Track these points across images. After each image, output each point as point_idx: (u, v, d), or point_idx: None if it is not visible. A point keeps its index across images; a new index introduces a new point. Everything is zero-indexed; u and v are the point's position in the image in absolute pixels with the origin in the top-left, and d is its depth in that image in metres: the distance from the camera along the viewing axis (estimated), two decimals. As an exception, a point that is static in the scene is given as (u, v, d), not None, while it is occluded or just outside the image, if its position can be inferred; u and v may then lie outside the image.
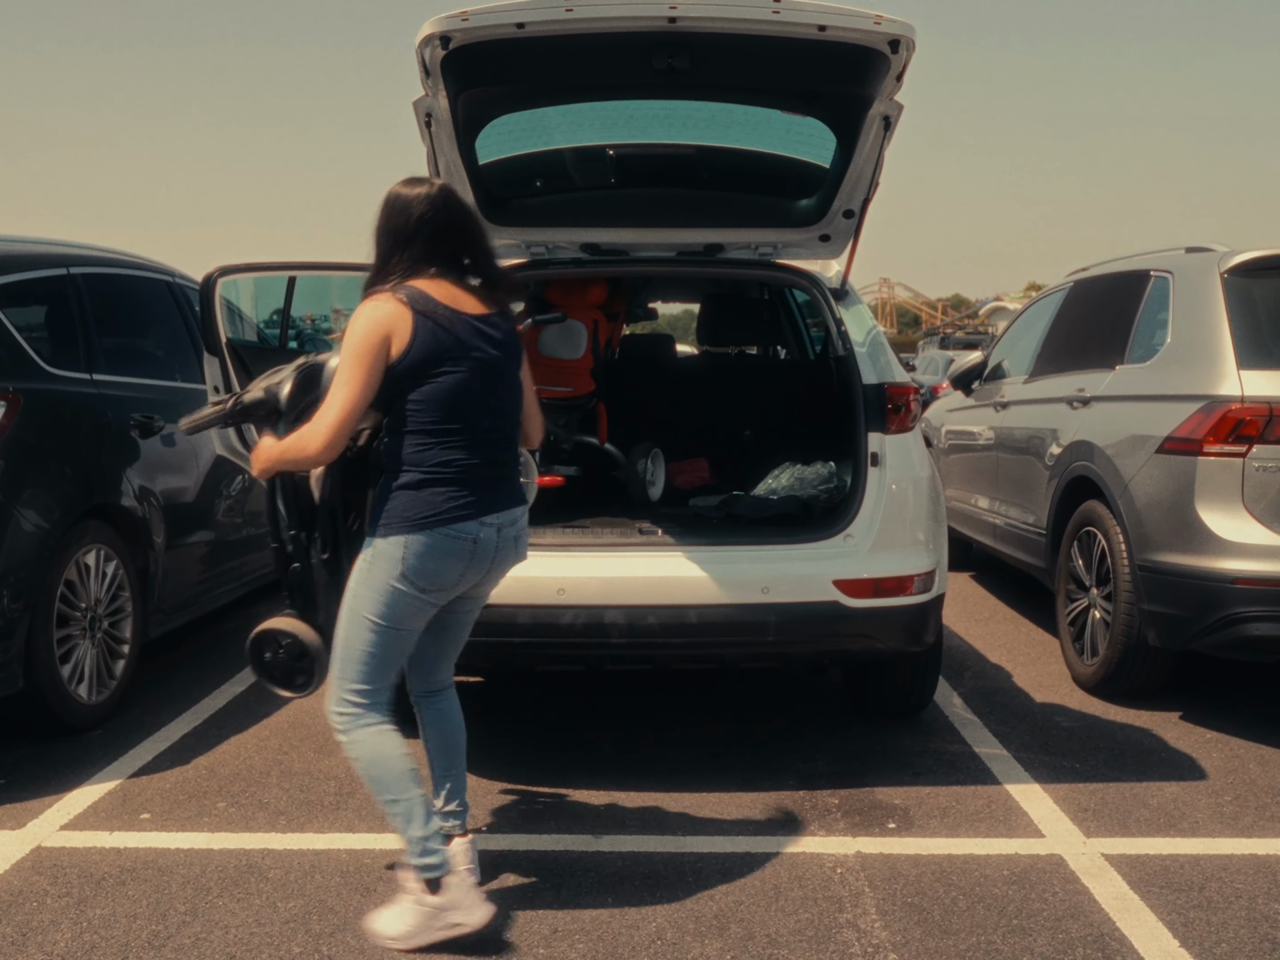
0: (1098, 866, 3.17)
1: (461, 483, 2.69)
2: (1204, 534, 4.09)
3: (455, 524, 2.67)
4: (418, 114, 3.48)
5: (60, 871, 3.14)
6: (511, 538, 2.81)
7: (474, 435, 2.71)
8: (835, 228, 4.12)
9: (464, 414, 2.70)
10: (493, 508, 2.74)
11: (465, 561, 2.71)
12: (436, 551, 2.67)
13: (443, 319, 2.66)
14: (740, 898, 2.99)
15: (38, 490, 4.02)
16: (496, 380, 2.75)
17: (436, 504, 2.66)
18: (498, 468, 2.78)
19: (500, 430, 2.80)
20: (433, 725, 3.09)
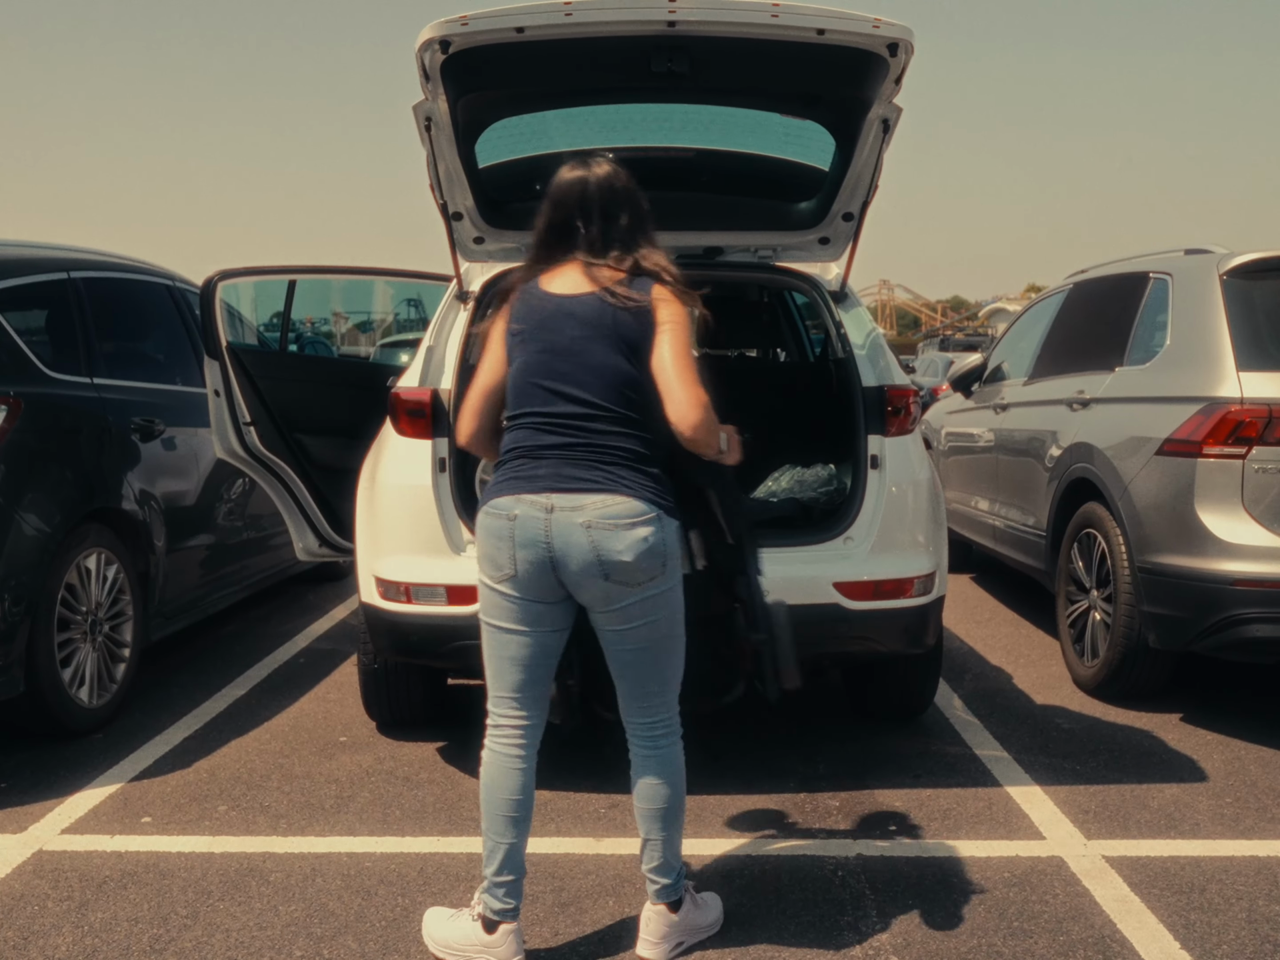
0: (1098, 868, 3.17)
1: (509, 464, 2.60)
2: (1204, 536, 4.10)
3: (493, 499, 2.57)
4: (417, 118, 3.49)
5: (61, 875, 3.15)
6: (578, 525, 2.48)
7: (534, 418, 2.58)
8: (834, 230, 4.13)
9: (526, 397, 2.60)
10: (539, 488, 2.52)
11: (509, 542, 2.52)
12: (484, 531, 2.58)
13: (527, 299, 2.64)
14: (741, 900, 2.99)
15: (38, 494, 4.03)
16: (565, 361, 2.56)
17: (489, 486, 2.62)
18: (559, 449, 2.55)
19: (571, 413, 2.56)
20: (634, 775, 2.72)
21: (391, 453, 3.79)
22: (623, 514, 2.49)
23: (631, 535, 2.48)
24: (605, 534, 2.48)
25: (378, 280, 13.48)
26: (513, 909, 2.66)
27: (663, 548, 2.53)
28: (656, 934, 2.70)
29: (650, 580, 2.52)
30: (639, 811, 2.70)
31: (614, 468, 2.52)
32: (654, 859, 2.69)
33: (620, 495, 2.50)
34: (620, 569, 2.49)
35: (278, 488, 4.59)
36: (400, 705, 4.21)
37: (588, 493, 2.50)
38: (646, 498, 2.52)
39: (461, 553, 3.66)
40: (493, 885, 2.65)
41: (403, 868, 3.18)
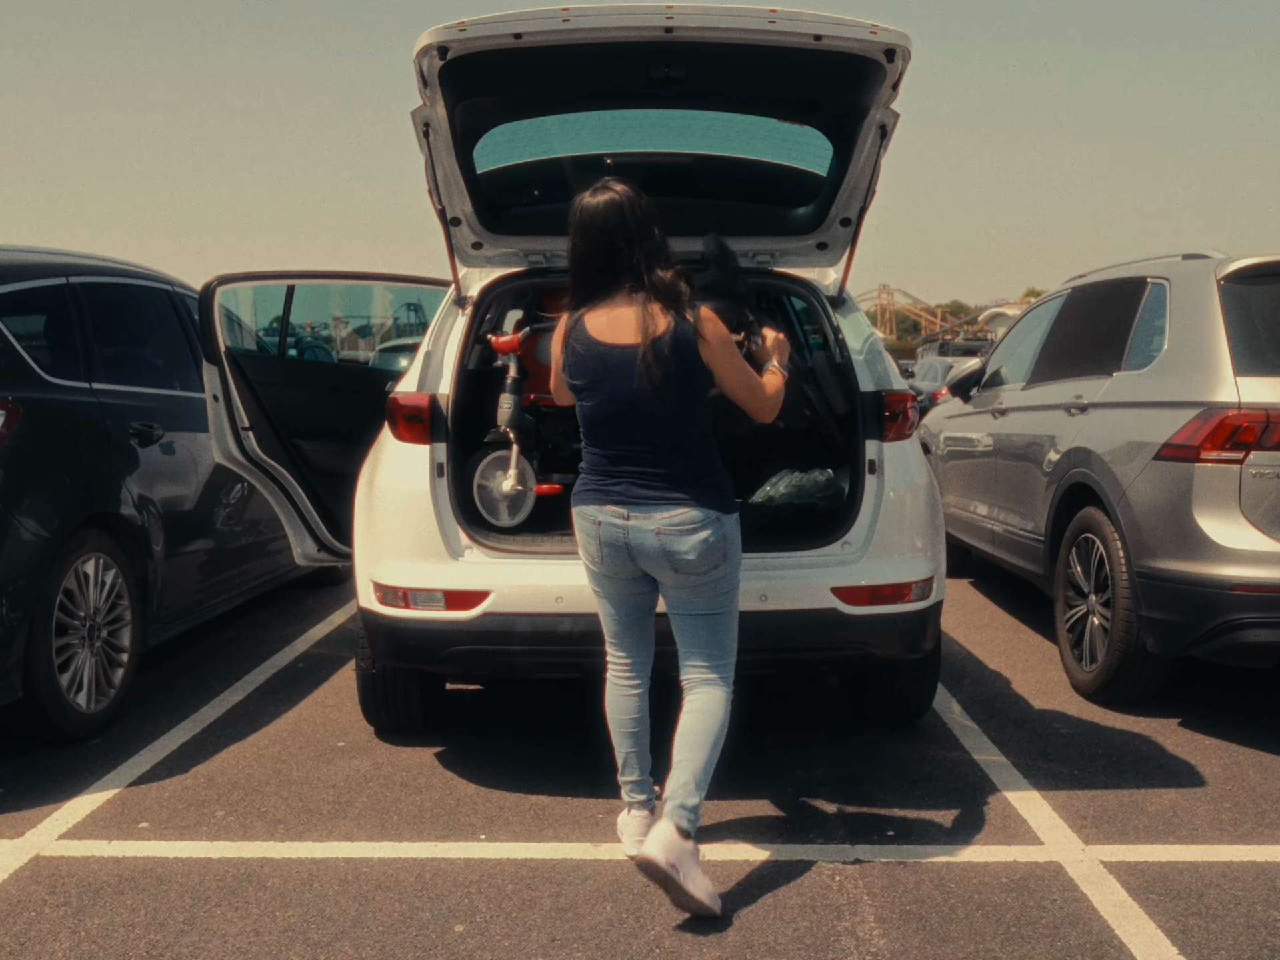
0: (1096, 874, 3.17)
1: (592, 475, 3.08)
2: (1202, 540, 4.10)
3: (582, 505, 3.08)
4: (416, 124, 3.49)
5: (58, 881, 3.14)
6: (649, 531, 2.96)
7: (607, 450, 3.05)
8: (832, 236, 4.13)
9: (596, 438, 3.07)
10: (616, 501, 3.00)
11: (596, 540, 3.04)
12: (578, 527, 3.10)
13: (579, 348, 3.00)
14: (738, 905, 2.99)
15: (37, 499, 4.03)
16: (625, 411, 2.97)
17: (577, 488, 3.11)
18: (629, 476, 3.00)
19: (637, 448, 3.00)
20: (682, 716, 3.12)
21: (389, 457, 3.79)
22: (685, 522, 2.96)
23: (694, 539, 2.96)
24: (672, 538, 2.96)
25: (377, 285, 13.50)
26: (641, 801, 3.22)
27: (722, 544, 3.00)
28: (659, 842, 2.87)
29: (714, 569, 3.01)
30: (678, 737, 3.05)
31: (677, 485, 2.98)
32: (680, 776, 2.98)
33: (683, 508, 2.97)
34: (686, 564, 2.99)
35: (276, 493, 4.59)
36: (398, 710, 4.21)
37: (657, 508, 2.98)
38: (705, 506, 2.98)
39: (459, 557, 3.66)
40: (625, 783, 3.22)
41: (400, 873, 3.18)
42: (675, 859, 2.85)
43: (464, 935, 2.85)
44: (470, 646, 3.62)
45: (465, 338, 3.93)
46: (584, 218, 2.93)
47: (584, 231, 2.93)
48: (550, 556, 3.68)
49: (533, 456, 4.12)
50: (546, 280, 4.30)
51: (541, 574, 3.61)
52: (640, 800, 3.24)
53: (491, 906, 2.99)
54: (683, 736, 3.05)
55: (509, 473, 3.93)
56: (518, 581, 3.60)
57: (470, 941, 2.82)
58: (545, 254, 4.19)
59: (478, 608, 3.56)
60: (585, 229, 2.93)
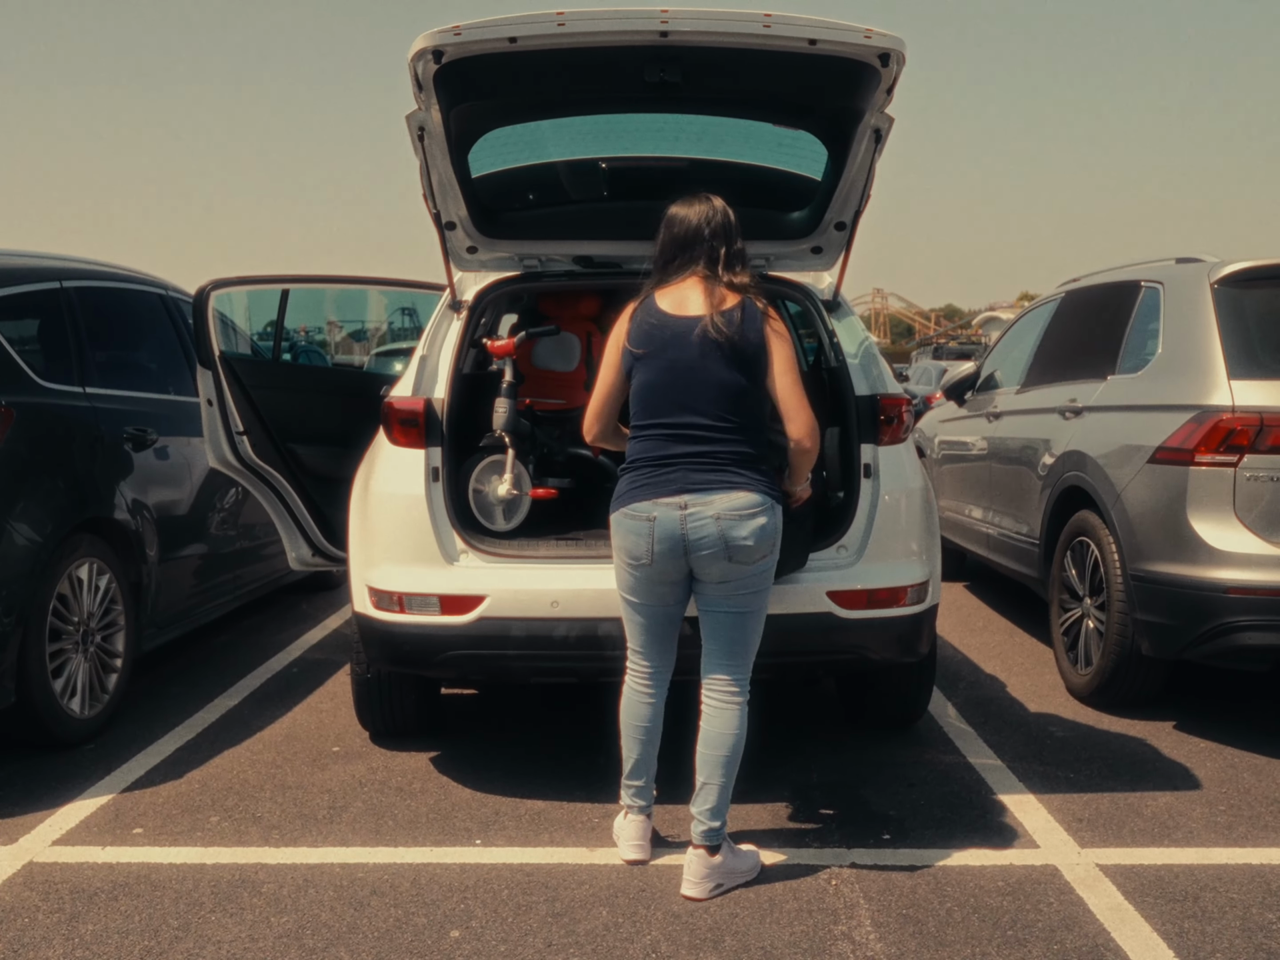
0: (1092, 877, 3.17)
1: (640, 471, 3.07)
2: (1196, 544, 4.10)
3: (631, 504, 3.06)
4: (410, 128, 3.49)
5: (52, 887, 3.13)
6: (709, 517, 2.97)
7: (661, 429, 3.05)
8: (827, 240, 4.13)
9: (652, 411, 3.06)
10: (673, 490, 3.01)
11: (649, 538, 3.02)
12: (623, 529, 3.08)
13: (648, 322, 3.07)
14: (735, 910, 2.98)
15: (30, 504, 4.01)
16: (684, 377, 3.02)
17: (622, 490, 3.10)
18: (686, 458, 3.02)
19: (695, 423, 3.03)
20: (700, 726, 3.16)
21: (385, 462, 3.78)
22: (744, 506, 3.00)
23: (753, 523, 3.00)
24: (731, 523, 2.99)
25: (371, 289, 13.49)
26: (641, 805, 3.25)
27: (774, 532, 3.07)
28: (697, 874, 3.06)
29: (762, 559, 3.05)
30: (702, 758, 3.12)
31: (733, 469, 3.02)
32: (708, 801, 3.08)
33: (741, 491, 3.01)
34: (742, 551, 3.01)
35: (271, 497, 4.58)
36: (393, 715, 4.20)
37: (714, 491, 3.00)
38: (761, 491, 3.03)
39: (454, 562, 3.65)
40: (627, 787, 3.26)
41: (396, 879, 3.17)
42: (715, 883, 3.07)
43: (460, 941, 2.84)
44: (465, 651, 3.61)
45: (460, 342, 3.93)
46: (673, 215, 3.16)
47: (670, 225, 3.15)
48: (546, 561, 3.68)
49: (528, 461, 4.12)
50: (542, 284, 4.30)
51: (537, 578, 3.61)
52: (640, 805, 3.26)
53: (487, 912, 2.98)
54: (707, 760, 3.10)
55: (504, 477, 3.93)
56: (513, 586, 3.60)
57: (466, 947, 2.81)
58: (540, 258, 4.19)
59: (473, 612, 3.56)
60: (672, 222, 3.15)
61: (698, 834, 3.08)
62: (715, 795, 3.08)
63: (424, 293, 5.68)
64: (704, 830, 3.07)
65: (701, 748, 3.12)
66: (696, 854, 3.07)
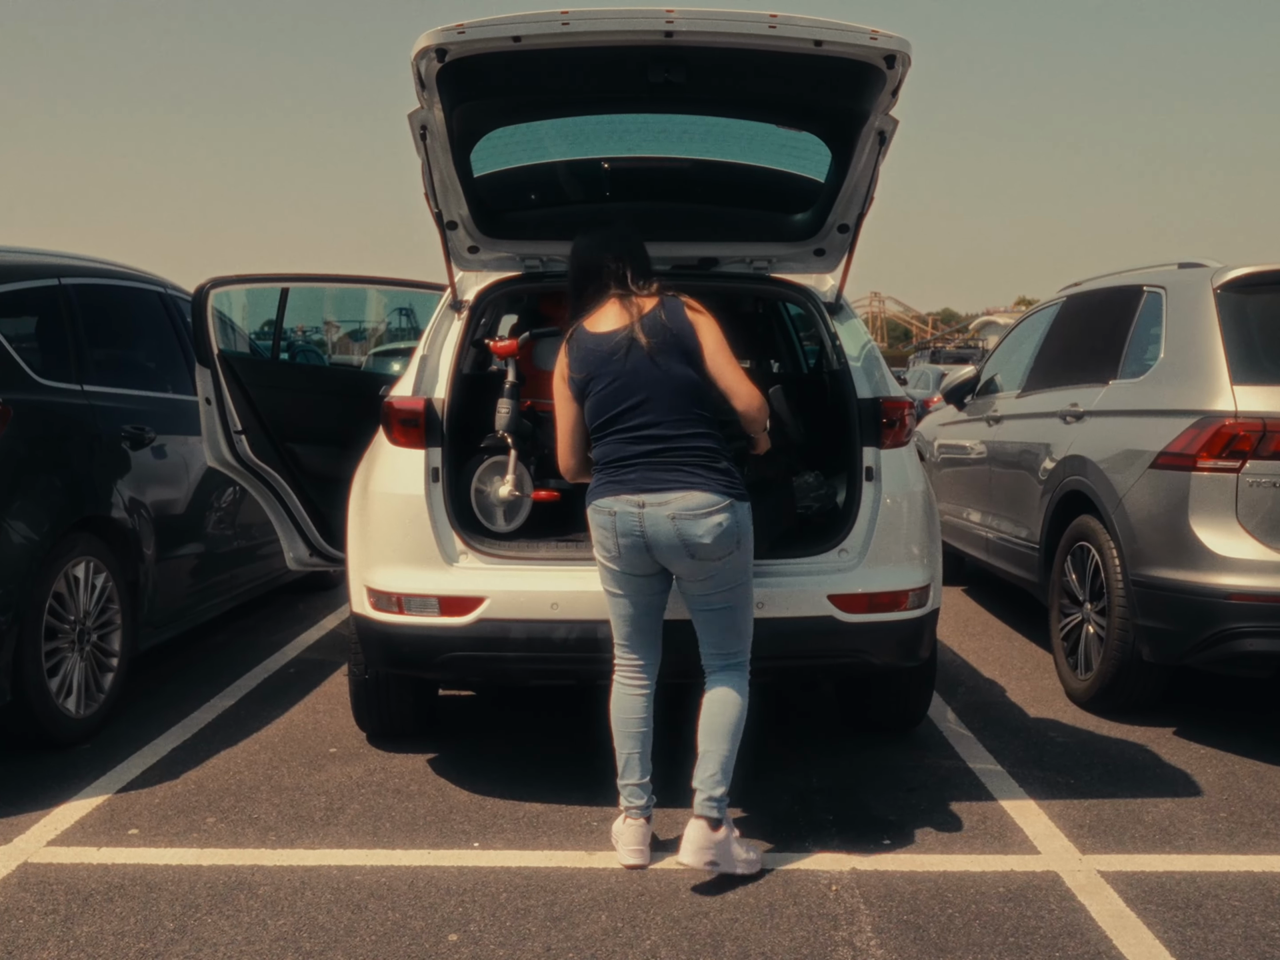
0: (1094, 883, 3.15)
1: (604, 470, 3.20)
2: (1198, 549, 4.09)
3: (596, 500, 3.18)
4: (413, 127, 3.47)
5: (47, 888, 3.11)
6: (664, 516, 3.07)
7: (618, 434, 3.17)
8: (830, 242, 4.12)
9: (608, 420, 3.19)
10: (632, 489, 3.12)
11: (612, 532, 3.13)
12: (593, 523, 3.20)
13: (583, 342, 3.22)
14: (735, 915, 2.97)
15: (27, 502, 3.99)
16: (630, 382, 3.15)
17: (592, 487, 3.22)
18: (644, 457, 3.14)
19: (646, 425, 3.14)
20: (703, 700, 3.26)
21: (384, 462, 3.76)
22: (700, 505, 3.07)
23: (709, 522, 3.07)
24: (687, 522, 3.07)
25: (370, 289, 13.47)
26: (639, 806, 3.24)
27: (735, 529, 3.11)
28: (696, 844, 3.11)
29: (728, 555, 3.12)
30: (702, 727, 3.19)
31: (690, 468, 3.11)
32: (709, 768, 3.15)
33: (697, 490, 3.08)
34: (701, 549, 3.08)
35: (269, 497, 4.56)
36: (391, 716, 4.18)
37: (671, 490, 3.09)
38: (719, 490, 3.10)
39: (454, 563, 3.63)
40: (623, 786, 3.26)
41: (393, 881, 3.15)
42: (711, 857, 3.10)
43: (457, 944, 2.82)
44: (464, 653, 3.59)
45: (461, 342, 3.91)
46: (576, 246, 3.34)
47: (575, 256, 3.34)
48: (546, 562, 3.66)
49: (529, 462, 4.11)
50: (543, 285, 4.28)
51: (537, 580, 3.59)
52: (639, 805, 3.25)
53: (485, 915, 2.96)
54: (708, 728, 3.19)
55: (507, 478, 3.91)
56: (513, 587, 3.58)
57: (464, 951, 2.79)
58: (542, 258, 4.17)
59: (472, 614, 3.54)
60: (576, 253, 3.33)
61: (699, 804, 3.14)
62: (716, 762, 3.14)
63: (423, 292, 5.67)
64: (705, 799, 3.13)
65: (703, 716, 3.21)
66: (697, 824, 3.12)
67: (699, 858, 3.09)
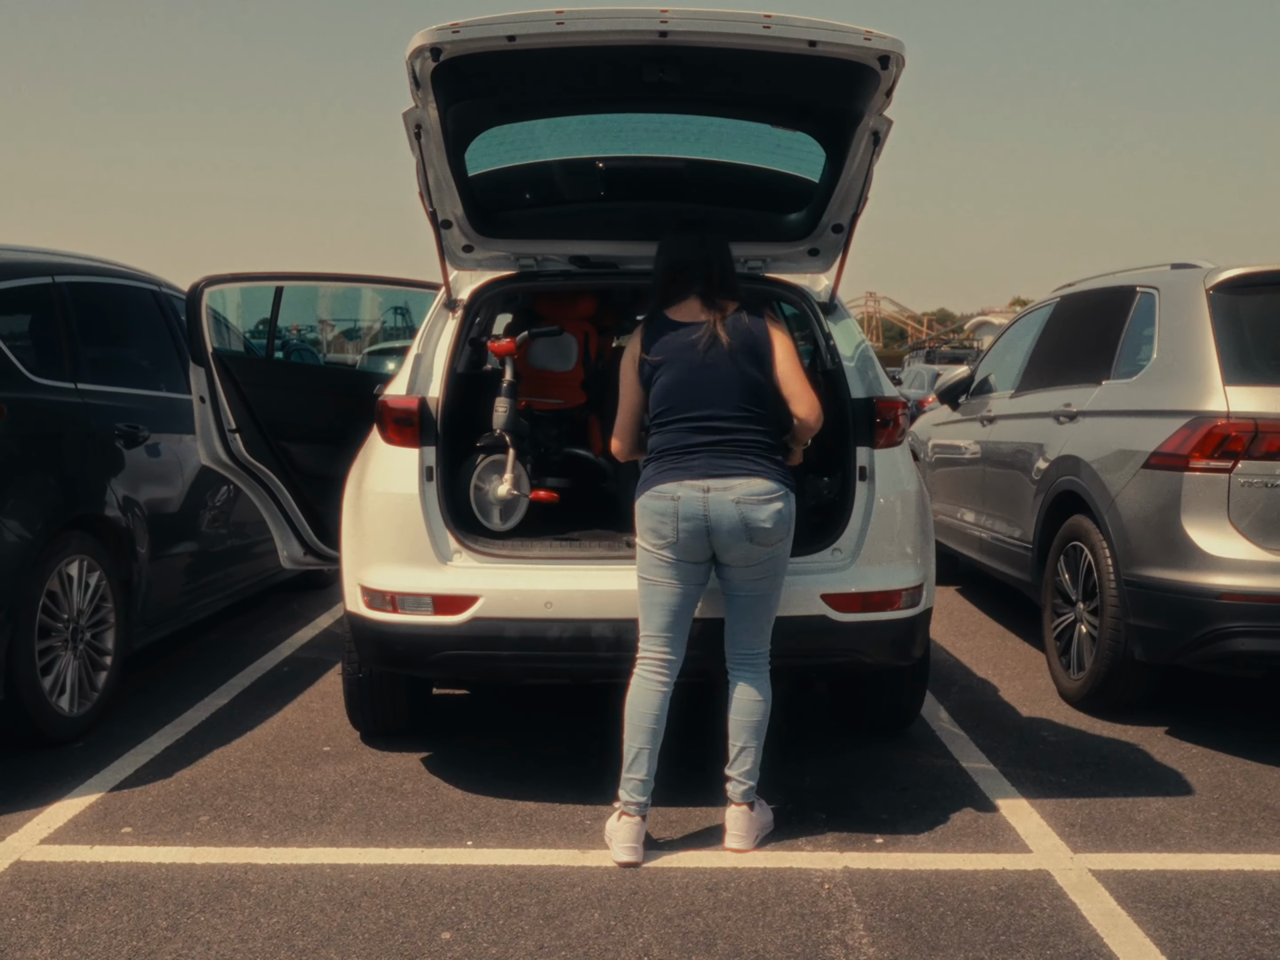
0: (1085, 882, 3.16)
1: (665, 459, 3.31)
2: (1190, 549, 4.11)
3: (656, 486, 3.27)
4: (407, 125, 3.47)
5: (39, 886, 3.11)
6: (729, 501, 3.20)
7: (683, 422, 3.31)
8: (824, 242, 4.12)
9: (673, 407, 3.33)
10: (697, 474, 3.24)
11: (673, 517, 3.22)
12: (648, 510, 3.27)
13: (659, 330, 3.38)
14: (727, 913, 2.97)
15: (20, 500, 3.99)
16: (701, 375, 3.30)
17: (648, 475, 3.32)
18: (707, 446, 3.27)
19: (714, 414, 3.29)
20: (732, 697, 3.40)
21: (378, 461, 3.77)
22: (762, 491, 3.24)
23: (770, 508, 3.23)
24: (751, 507, 3.22)
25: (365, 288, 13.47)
26: (638, 804, 3.28)
27: (790, 516, 3.31)
28: (742, 829, 3.34)
29: (780, 541, 3.28)
30: (735, 724, 3.36)
31: (752, 457, 3.27)
32: (745, 764, 3.35)
33: (759, 478, 3.25)
34: (761, 533, 3.23)
35: (263, 495, 4.56)
36: (385, 715, 4.18)
37: (735, 477, 3.24)
38: (777, 478, 3.28)
39: (448, 562, 3.63)
40: (627, 780, 3.31)
41: (386, 879, 3.16)
42: (755, 834, 3.37)
43: (451, 943, 2.82)
44: (458, 652, 3.59)
45: (455, 341, 3.91)
46: (667, 243, 3.49)
47: (664, 253, 3.48)
48: (540, 562, 3.66)
49: (526, 461, 4.11)
50: (537, 284, 4.29)
51: (531, 579, 3.59)
52: (638, 802, 3.28)
53: (478, 914, 2.97)
54: (742, 726, 3.36)
55: (505, 477, 3.92)
56: (507, 586, 3.58)
57: (457, 949, 2.79)
58: (536, 257, 4.17)
59: (466, 613, 3.54)
60: (666, 250, 3.48)
61: (738, 794, 3.35)
62: (751, 757, 3.36)
63: (418, 291, 5.66)
64: (744, 790, 3.35)
65: (735, 715, 3.37)
66: (740, 810, 3.34)
67: (747, 841, 3.33)
